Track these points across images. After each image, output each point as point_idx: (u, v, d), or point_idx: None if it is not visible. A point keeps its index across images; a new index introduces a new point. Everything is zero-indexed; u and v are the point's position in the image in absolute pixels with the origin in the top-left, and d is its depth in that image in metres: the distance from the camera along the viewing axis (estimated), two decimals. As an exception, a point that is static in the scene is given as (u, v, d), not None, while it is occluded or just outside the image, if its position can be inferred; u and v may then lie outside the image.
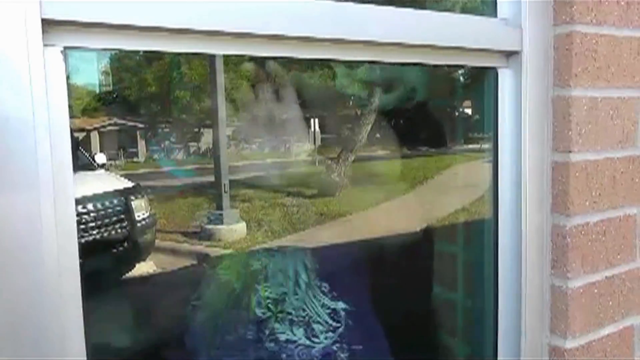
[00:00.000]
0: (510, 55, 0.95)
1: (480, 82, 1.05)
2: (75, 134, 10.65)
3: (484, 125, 1.03)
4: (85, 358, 0.69)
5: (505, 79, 0.95)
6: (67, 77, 0.65)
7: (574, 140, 0.96)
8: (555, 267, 1.02)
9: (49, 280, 0.65)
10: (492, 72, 0.96)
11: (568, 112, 0.95)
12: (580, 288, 1.02)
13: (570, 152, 0.96)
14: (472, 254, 1.23)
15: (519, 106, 0.95)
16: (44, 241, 0.64)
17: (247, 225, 8.77)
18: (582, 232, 1.00)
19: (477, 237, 1.21)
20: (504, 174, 0.99)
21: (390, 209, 10.84)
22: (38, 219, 0.63)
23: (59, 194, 0.64)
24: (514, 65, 0.95)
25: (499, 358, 1.04)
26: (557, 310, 1.03)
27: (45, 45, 0.61)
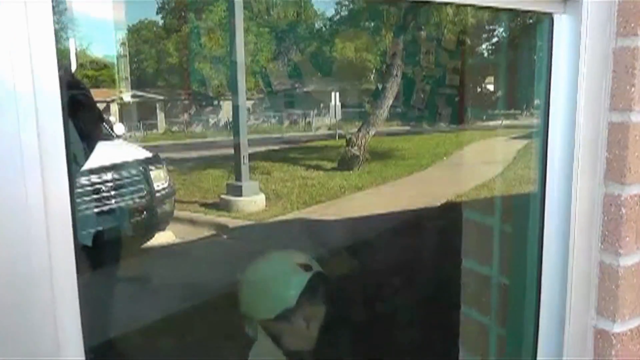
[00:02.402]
0: (568, -2, 0.83)
1: (523, 35, 0.94)
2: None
3: (534, 81, 0.92)
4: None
5: (562, 27, 0.83)
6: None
7: (637, 98, 0.85)
8: (606, 242, 0.92)
9: (39, 276, 0.55)
10: (546, 20, 0.85)
11: (632, 65, 0.83)
12: (632, 266, 0.92)
13: (631, 111, 0.85)
14: (512, 225, 1.13)
15: (576, 58, 0.83)
16: (32, 233, 0.54)
17: (266, 197, 8.74)
18: None
19: (518, 206, 1.11)
20: (555, 134, 0.88)
21: (416, 183, 10.77)
22: (25, 209, 0.53)
23: (49, 179, 0.54)
24: (572, 11, 0.83)
25: (539, 340, 0.95)
26: (606, 290, 0.93)
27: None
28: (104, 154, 5.28)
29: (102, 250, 4.76)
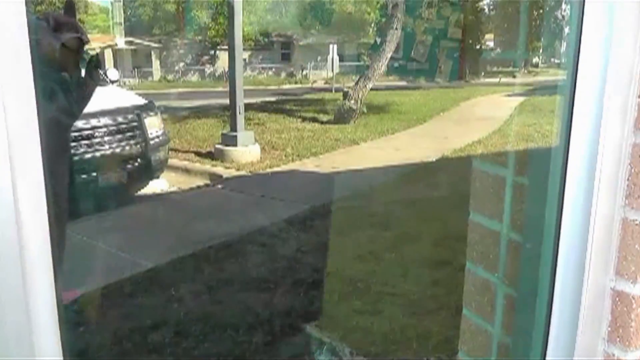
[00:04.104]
0: None
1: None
2: (90, 52, 10.41)
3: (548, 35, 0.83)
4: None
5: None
6: None
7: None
8: (630, 197, 0.84)
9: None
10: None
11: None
12: (659, 223, 0.84)
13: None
14: (527, 175, 1.05)
15: None
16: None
17: (260, 148, 8.65)
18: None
19: (539, 159, 1.04)
20: (585, 72, 0.79)
21: (412, 137, 10.69)
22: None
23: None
24: None
25: (554, 302, 0.89)
26: (627, 247, 0.86)
27: None
28: (97, 99, 5.16)
29: (94, 196, 4.70)
